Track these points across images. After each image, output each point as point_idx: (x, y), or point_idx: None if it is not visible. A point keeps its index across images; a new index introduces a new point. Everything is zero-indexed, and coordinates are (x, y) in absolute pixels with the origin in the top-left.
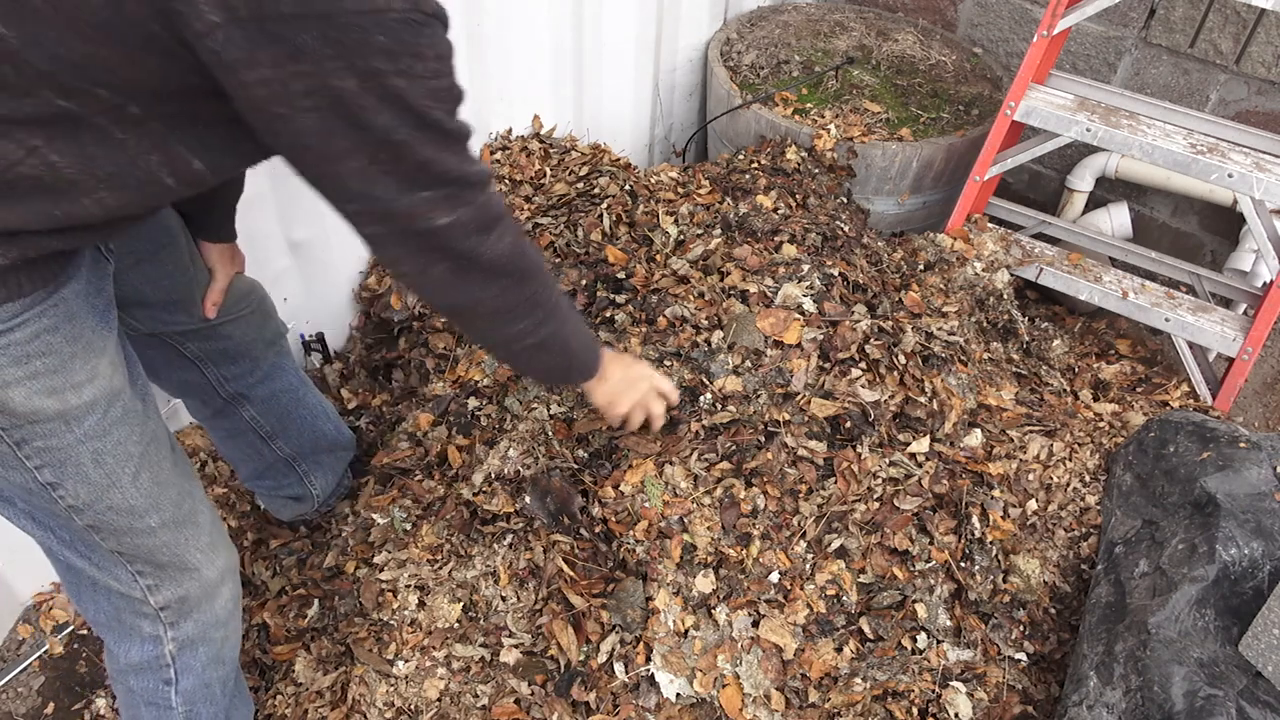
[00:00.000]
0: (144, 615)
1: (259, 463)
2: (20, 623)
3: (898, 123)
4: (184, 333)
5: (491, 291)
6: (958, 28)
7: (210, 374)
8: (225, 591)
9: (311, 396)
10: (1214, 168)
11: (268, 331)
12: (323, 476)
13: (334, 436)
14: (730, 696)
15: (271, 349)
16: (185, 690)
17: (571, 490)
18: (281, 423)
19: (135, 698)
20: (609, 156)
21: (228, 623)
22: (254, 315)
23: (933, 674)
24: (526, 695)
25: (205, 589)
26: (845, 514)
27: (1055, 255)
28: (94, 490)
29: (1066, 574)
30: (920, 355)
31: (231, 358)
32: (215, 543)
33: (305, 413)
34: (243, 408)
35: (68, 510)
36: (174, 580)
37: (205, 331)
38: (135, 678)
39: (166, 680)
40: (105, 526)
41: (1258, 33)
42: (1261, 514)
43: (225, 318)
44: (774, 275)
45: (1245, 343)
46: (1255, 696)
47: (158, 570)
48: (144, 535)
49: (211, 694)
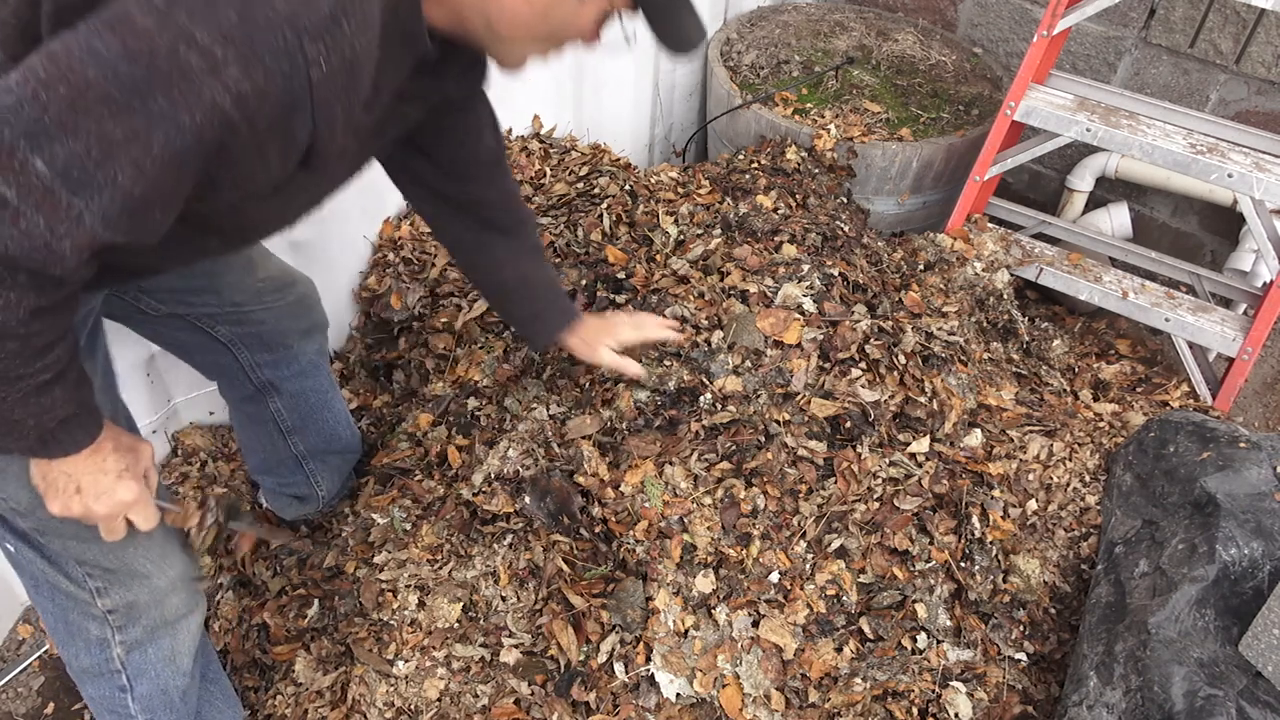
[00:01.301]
0: (92, 617)
1: (270, 455)
2: (20, 623)
3: (898, 123)
4: (212, 315)
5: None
6: (958, 28)
7: (243, 358)
8: (175, 600)
9: (338, 402)
10: (1214, 168)
11: (303, 323)
12: (329, 479)
13: (347, 441)
14: (730, 696)
15: (308, 342)
16: (142, 697)
17: (571, 490)
18: (303, 421)
19: (98, 706)
20: (609, 156)
21: (177, 627)
22: (291, 306)
23: (933, 674)
24: (526, 695)
25: (155, 596)
26: (845, 514)
27: (1055, 255)
28: (34, 497)
29: (1066, 574)
30: (920, 355)
31: (266, 344)
32: (167, 553)
33: (329, 416)
34: (270, 398)
35: (11, 512)
36: (123, 585)
37: (235, 315)
38: (91, 685)
39: (121, 687)
40: (49, 531)
41: (1258, 33)
42: (1261, 514)
43: (258, 304)
44: (774, 275)
45: (1245, 343)
46: (1255, 696)
47: (106, 574)
48: (89, 543)
49: (170, 701)
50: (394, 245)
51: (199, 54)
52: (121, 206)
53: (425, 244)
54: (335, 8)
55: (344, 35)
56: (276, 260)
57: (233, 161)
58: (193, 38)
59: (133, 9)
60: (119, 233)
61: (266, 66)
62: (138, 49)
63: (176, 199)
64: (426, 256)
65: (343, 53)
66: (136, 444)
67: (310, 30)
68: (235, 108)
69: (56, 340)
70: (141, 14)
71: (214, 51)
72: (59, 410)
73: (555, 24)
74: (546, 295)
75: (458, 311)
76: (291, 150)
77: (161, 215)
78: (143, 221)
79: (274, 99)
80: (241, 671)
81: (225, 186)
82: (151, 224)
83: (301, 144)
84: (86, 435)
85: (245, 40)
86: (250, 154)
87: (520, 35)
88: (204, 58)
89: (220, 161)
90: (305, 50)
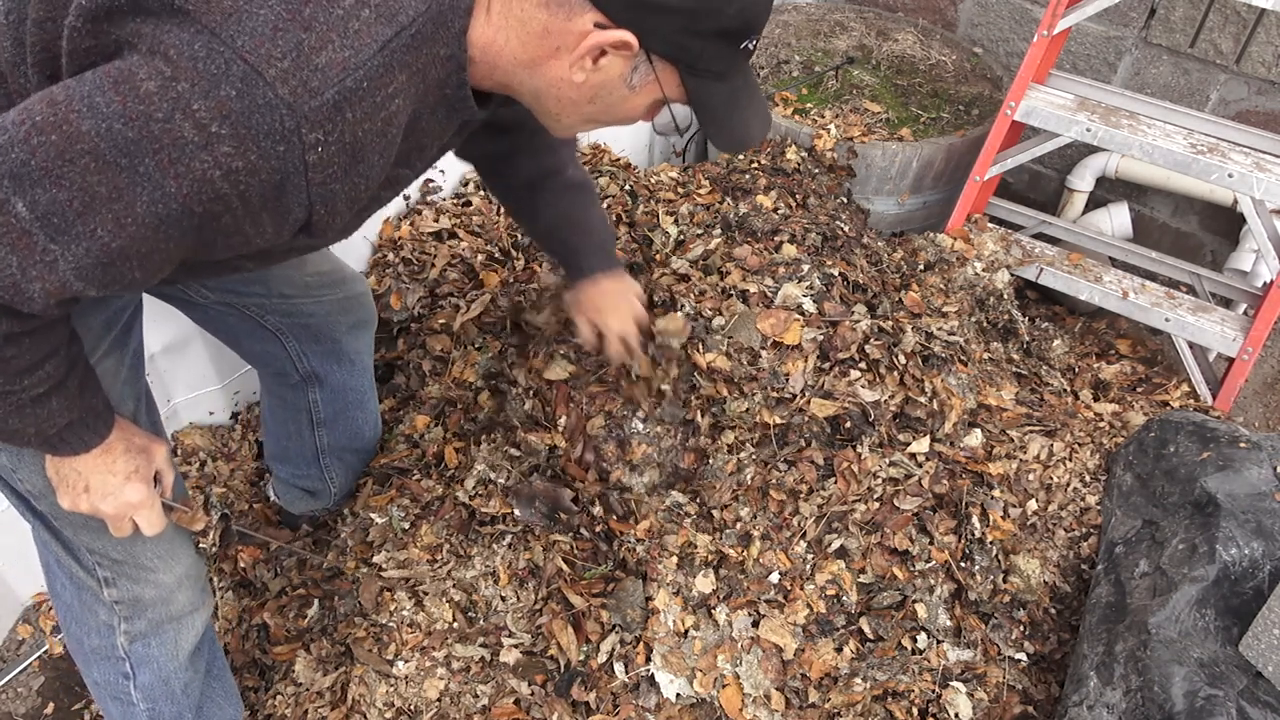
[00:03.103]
0: (100, 602)
1: (294, 445)
2: (20, 623)
3: (898, 123)
4: (260, 305)
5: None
6: (958, 28)
7: (291, 348)
8: (181, 597)
9: (372, 402)
10: (1214, 168)
11: (352, 318)
12: (343, 476)
13: (368, 440)
14: (730, 696)
15: (355, 338)
16: (144, 686)
17: (556, 487)
18: (336, 415)
19: (101, 691)
20: (609, 156)
21: (182, 623)
22: (341, 302)
23: (933, 674)
24: (526, 695)
25: (161, 592)
26: (845, 514)
27: (1055, 255)
28: (48, 485)
29: (1066, 574)
30: (920, 355)
31: (315, 336)
32: (175, 550)
33: (360, 415)
34: (312, 388)
35: (26, 494)
36: (130, 578)
37: (284, 306)
38: (97, 669)
39: (125, 674)
40: (61, 516)
41: (1258, 33)
42: (1261, 514)
43: (307, 297)
44: (774, 275)
45: (1245, 343)
46: (1255, 697)
47: (115, 564)
48: (98, 533)
49: (171, 692)
50: (394, 245)
51: (194, 126)
52: (97, 260)
53: (425, 244)
54: (340, 96)
55: (346, 122)
56: (331, 256)
57: (226, 231)
58: (190, 109)
59: (139, 69)
60: (93, 285)
61: (261, 146)
62: (135, 111)
63: (159, 262)
64: (426, 257)
65: (344, 139)
66: (150, 444)
67: (310, 117)
68: (225, 181)
69: (43, 359)
70: (146, 76)
71: (209, 126)
72: (58, 419)
73: (604, 106)
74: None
75: (455, 312)
76: (287, 223)
77: (141, 275)
78: (119, 277)
79: (266, 177)
80: (241, 672)
81: (222, 250)
82: (129, 281)
83: (298, 219)
84: (95, 436)
85: (242, 119)
86: (244, 225)
87: (568, 112)
88: (198, 130)
89: (214, 231)
90: (303, 135)
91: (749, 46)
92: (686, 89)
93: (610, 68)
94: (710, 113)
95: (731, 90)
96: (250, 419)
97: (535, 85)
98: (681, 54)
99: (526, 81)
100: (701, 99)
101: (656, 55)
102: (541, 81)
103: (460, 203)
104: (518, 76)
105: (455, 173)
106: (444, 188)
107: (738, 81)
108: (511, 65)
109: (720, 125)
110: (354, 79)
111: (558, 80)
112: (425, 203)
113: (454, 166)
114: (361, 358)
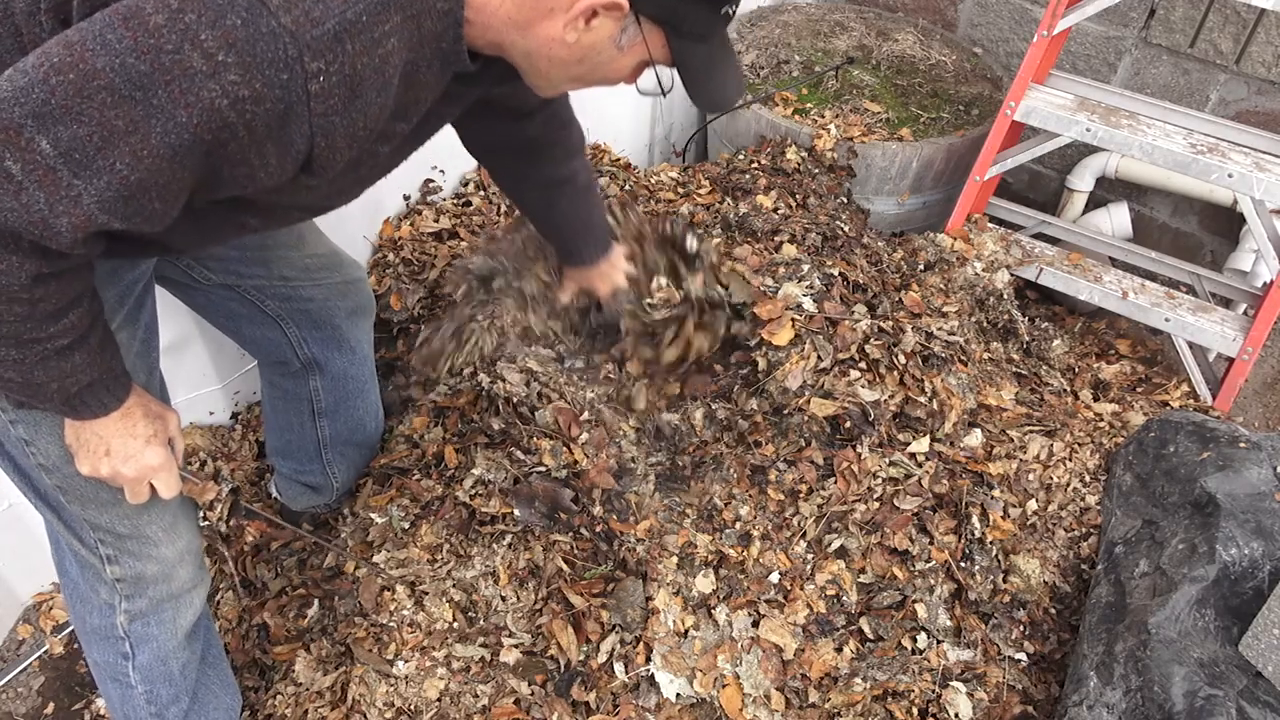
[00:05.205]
0: (102, 582)
1: (295, 437)
2: (20, 623)
3: (898, 123)
4: (261, 288)
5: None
6: (958, 28)
7: (291, 334)
8: (182, 573)
9: (373, 393)
10: (1214, 168)
11: (350, 303)
12: (345, 470)
13: (370, 433)
14: (730, 696)
15: (355, 325)
16: (142, 666)
17: (554, 487)
18: (337, 405)
19: (101, 672)
20: (609, 156)
21: (181, 601)
22: (339, 286)
23: (933, 674)
24: (526, 695)
25: (163, 568)
26: (845, 514)
27: (1055, 255)
28: (63, 454)
29: (1066, 574)
30: (920, 355)
31: (314, 321)
32: (178, 523)
33: (361, 405)
34: (312, 376)
35: (39, 467)
36: (132, 554)
37: (284, 290)
38: (97, 649)
39: (124, 654)
40: (71, 490)
41: (1258, 33)
42: (1261, 514)
43: (307, 280)
44: (774, 275)
45: (1245, 343)
46: (1255, 696)
47: (118, 540)
48: (105, 507)
49: (169, 673)
50: (394, 245)
51: (202, 55)
52: (118, 192)
53: (425, 244)
54: (340, 27)
55: (347, 54)
56: (327, 240)
57: (233, 161)
58: (198, 39)
59: (147, 4)
60: (116, 217)
61: (265, 75)
62: (146, 45)
63: (176, 192)
64: (426, 257)
65: (344, 70)
66: (165, 411)
67: (312, 46)
68: (232, 110)
69: (68, 305)
70: (154, 10)
71: (216, 55)
72: (81, 375)
73: (591, 66)
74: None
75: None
76: (290, 156)
77: (161, 205)
78: (140, 209)
79: (270, 106)
80: (242, 672)
81: (228, 184)
82: (150, 213)
83: (300, 152)
84: (114, 399)
85: (247, 47)
86: (249, 155)
87: (557, 72)
88: (206, 60)
89: (221, 159)
90: (305, 64)
91: (729, 11)
92: (671, 50)
93: (601, 29)
94: (692, 74)
95: (710, 52)
96: (250, 419)
97: (527, 46)
98: (669, 16)
99: (519, 42)
100: (685, 60)
101: (645, 17)
102: (533, 42)
103: (460, 203)
104: (510, 37)
105: (455, 173)
106: (444, 188)
107: (716, 44)
108: (504, 26)
109: (701, 86)
110: (354, 11)
111: (549, 40)
112: (425, 203)
113: (454, 166)
114: (361, 346)
